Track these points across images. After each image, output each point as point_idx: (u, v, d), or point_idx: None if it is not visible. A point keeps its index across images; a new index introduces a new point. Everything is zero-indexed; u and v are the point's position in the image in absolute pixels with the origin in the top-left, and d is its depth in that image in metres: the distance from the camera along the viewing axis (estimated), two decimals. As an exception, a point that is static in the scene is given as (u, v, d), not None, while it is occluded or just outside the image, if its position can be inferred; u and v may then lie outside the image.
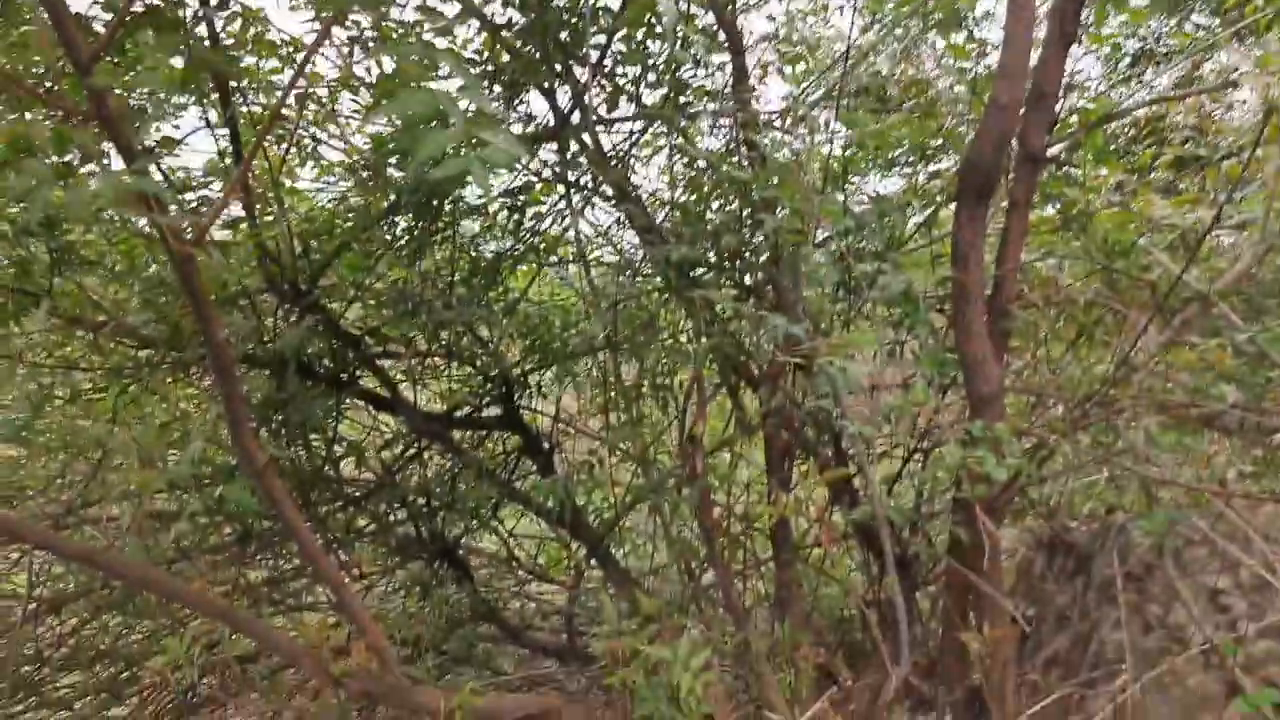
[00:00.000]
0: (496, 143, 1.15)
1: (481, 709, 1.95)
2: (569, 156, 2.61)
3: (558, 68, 2.45)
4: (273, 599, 3.22)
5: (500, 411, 2.77)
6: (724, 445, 2.85)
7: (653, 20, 2.35)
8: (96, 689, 3.42)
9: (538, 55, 2.43)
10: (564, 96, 2.58)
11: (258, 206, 2.54)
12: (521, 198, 2.48)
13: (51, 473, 2.85)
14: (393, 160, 2.25)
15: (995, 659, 2.24)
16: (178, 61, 1.93)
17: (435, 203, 2.45)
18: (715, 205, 2.51)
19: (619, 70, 2.52)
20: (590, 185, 2.71)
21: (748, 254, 2.53)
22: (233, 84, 2.56)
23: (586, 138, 2.61)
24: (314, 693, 2.86)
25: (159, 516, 2.79)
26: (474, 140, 1.16)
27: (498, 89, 2.55)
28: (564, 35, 2.38)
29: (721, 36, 2.43)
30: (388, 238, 2.51)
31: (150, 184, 1.14)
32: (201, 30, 2.22)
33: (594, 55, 2.45)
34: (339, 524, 2.90)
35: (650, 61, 2.49)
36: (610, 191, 2.68)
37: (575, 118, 2.56)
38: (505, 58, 2.50)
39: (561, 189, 2.73)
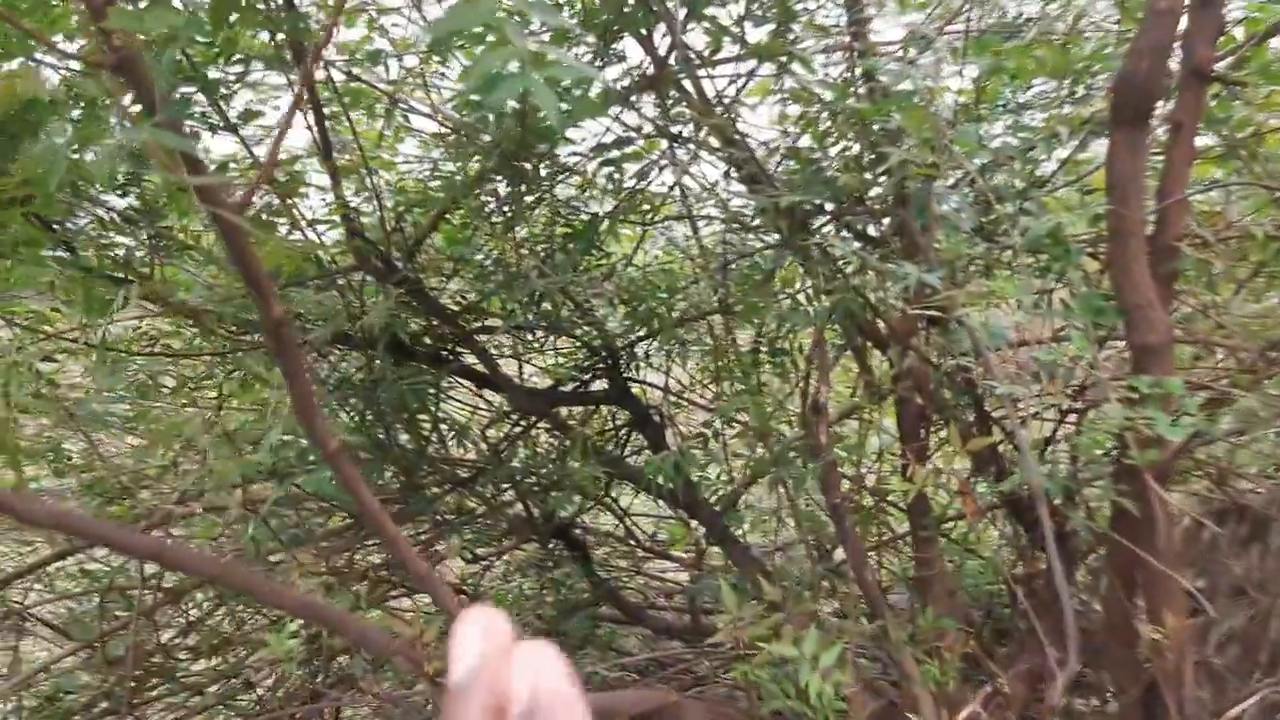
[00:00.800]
0: (563, 60, 0.97)
1: (594, 707, 1.79)
2: (669, 105, 2.41)
3: (653, 8, 2.26)
4: (390, 581, 3.15)
5: (607, 385, 2.60)
6: (851, 412, 2.62)
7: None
8: (225, 674, 3.44)
9: (630, -3, 2.24)
10: (662, 41, 2.39)
11: (346, 181, 2.44)
12: (616, 152, 2.29)
13: (165, 462, 2.83)
14: (477, 120, 2.09)
15: (1172, 646, 1.97)
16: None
17: (529, 165, 2.29)
18: (833, 149, 2.28)
19: (720, 3, 2.30)
20: (694, 136, 2.50)
21: (870, 198, 2.30)
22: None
23: (687, 84, 2.41)
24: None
25: (275, 503, 2.75)
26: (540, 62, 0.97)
27: (590, 38, 2.36)
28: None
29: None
30: (481, 205, 2.36)
31: (174, 138, 0.99)
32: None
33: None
34: (448, 506, 2.80)
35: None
36: (716, 142, 2.47)
37: (674, 63, 2.35)
38: (596, 2, 2.31)
39: (663, 143, 2.54)
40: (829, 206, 2.33)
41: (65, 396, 2.83)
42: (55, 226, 2.54)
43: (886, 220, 2.36)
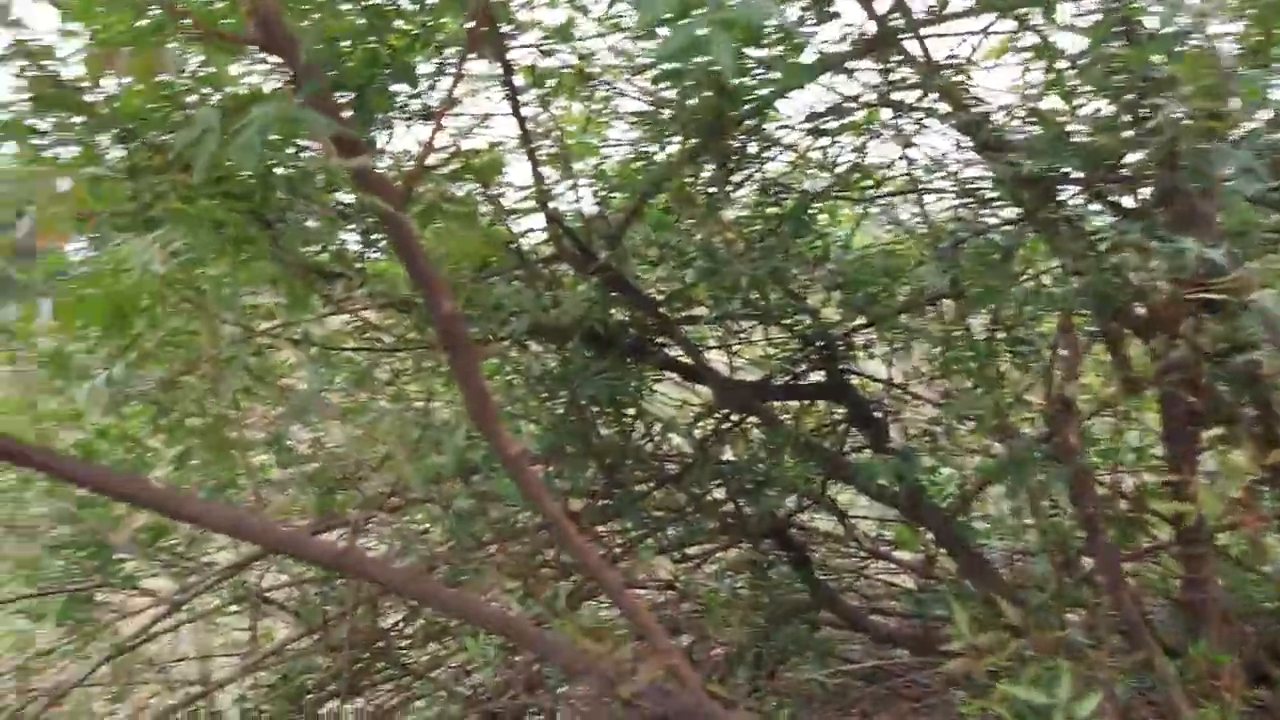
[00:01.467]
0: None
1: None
2: (891, 69, 2.18)
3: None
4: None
5: (823, 377, 2.40)
6: (1104, 409, 2.31)
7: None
8: (442, 661, 3.50)
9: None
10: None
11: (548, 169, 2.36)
12: (833, 122, 2.08)
13: (379, 456, 2.86)
14: (678, 94, 1.94)
15: None
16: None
17: (735, 142, 2.12)
18: (1084, 109, 1.98)
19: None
20: (920, 103, 2.26)
21: (1126, 164, 1.98)
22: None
23: (912, 44, 2.17)
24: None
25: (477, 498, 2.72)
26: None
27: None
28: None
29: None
30: (684, 187, 2.22)
31: (316, 117, 0.89)
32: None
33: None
34: (654, 502, 2.68)
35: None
36: (945, 108, 2.21)
37: (897, 22, 2.12)
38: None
39: (884, 112, 2.31)
40: (1076, 175, 2.04)
41: (290, 389, 2.92)
42: (272, 224, 2.59)
43: (1147, 189, 2.04)
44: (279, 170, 2.57)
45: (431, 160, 2.52)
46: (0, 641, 3.52)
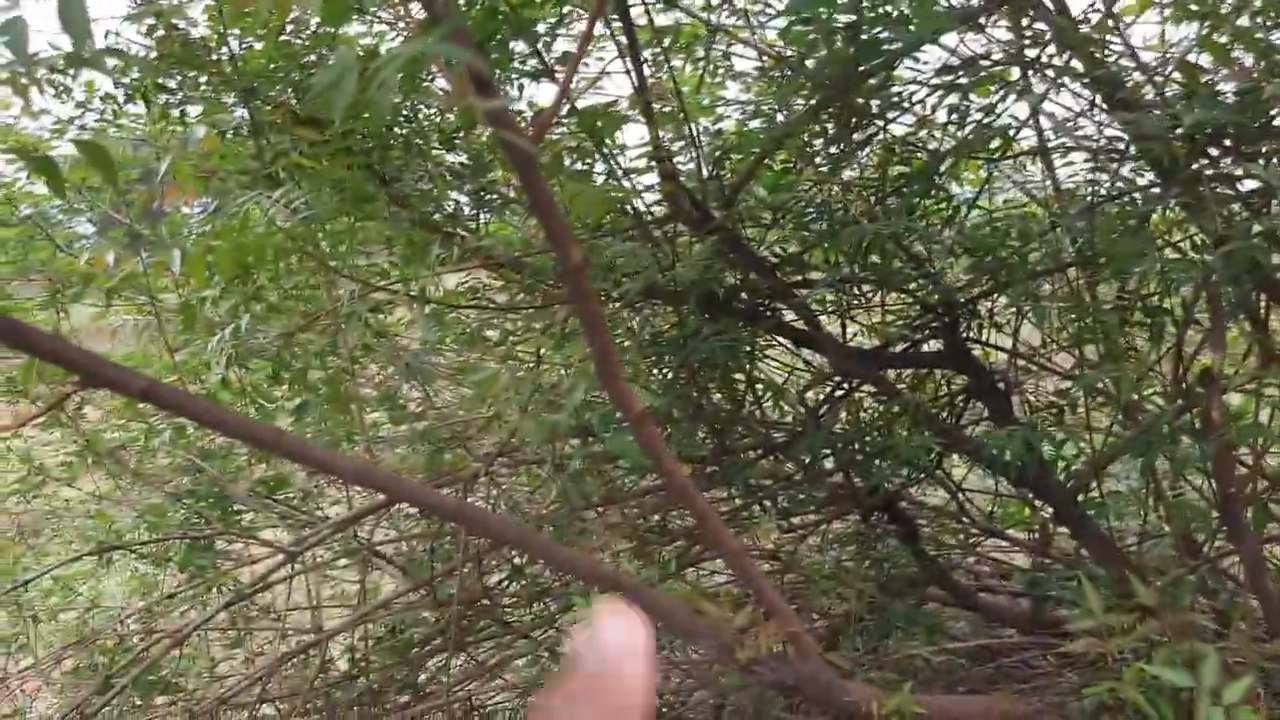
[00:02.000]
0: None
1: (924, 714, 1.57)
2: (1026, 24, 2.07)
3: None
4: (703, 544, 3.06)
5: (942, 345, 2.32)
6: (1248, 383, 2.18)
7: None
8: (546, 621, 3.52)
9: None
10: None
11: (663, 129, 2.32)
12: (963, 79, 1.99)
13: (489, 414, 2.88)
14: (804, 47, 1.88)
15: None
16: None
17: (859, 99, 2.05)
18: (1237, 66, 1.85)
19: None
20: (1054, 61, 2.15)
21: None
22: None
23: (1047, -2, 2.06)
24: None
25: (586, 459, 2.72)
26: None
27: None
28: None
29: None
30: (804, 146, 2.16)
31: (459, 51, 0.87)
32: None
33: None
34: (762, 470, 2.63)
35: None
36: (1080, 66, 2.10)
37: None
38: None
39: (1013, 72, 2.20)
40: (1228, 133, 1.92)
41: (402, 348, 2.96)
42: (389, 182, 2.62)
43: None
44: (396, 130, 2.59)
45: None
46: (126, 584, 3.68)
